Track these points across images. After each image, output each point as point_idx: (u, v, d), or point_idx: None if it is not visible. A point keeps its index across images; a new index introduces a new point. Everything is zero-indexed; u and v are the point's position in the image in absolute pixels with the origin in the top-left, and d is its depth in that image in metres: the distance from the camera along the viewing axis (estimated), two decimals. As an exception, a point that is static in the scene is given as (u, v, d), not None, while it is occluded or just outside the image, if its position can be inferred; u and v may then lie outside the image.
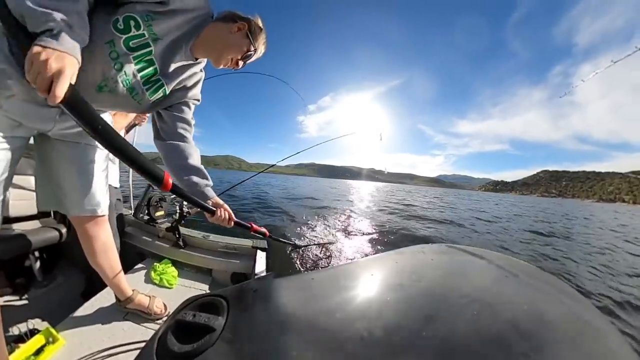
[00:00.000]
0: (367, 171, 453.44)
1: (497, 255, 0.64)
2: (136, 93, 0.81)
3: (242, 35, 0.87)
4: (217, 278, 1.74)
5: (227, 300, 0.47)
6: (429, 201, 18.01)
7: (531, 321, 0.41)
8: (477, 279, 0.55)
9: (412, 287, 0.50)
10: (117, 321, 1.19)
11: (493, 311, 0.43)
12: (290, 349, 0.37)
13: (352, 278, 0.54)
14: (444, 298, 0.46)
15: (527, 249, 6.03)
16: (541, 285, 0.55)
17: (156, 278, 1.55)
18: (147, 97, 0.84)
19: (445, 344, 0.37)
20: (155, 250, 1.83)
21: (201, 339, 0.39)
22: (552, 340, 0.38)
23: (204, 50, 0.86)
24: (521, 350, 0.36)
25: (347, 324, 0.40)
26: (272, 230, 5.43)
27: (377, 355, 0.35)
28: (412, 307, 0.44)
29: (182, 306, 0.48)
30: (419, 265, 0.59)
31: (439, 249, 0.68)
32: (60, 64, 0.52)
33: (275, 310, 0.46)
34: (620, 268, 4.86)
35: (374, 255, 0.65)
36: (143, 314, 1.23)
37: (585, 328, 0.44)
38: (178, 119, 0.97)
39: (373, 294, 0.48)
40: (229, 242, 1.81)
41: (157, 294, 1.35)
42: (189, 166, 0.96)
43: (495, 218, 12.02)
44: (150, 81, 0.82)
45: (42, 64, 0.50)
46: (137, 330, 1.17)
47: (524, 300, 0.48)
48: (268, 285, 0.53)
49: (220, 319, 0.43)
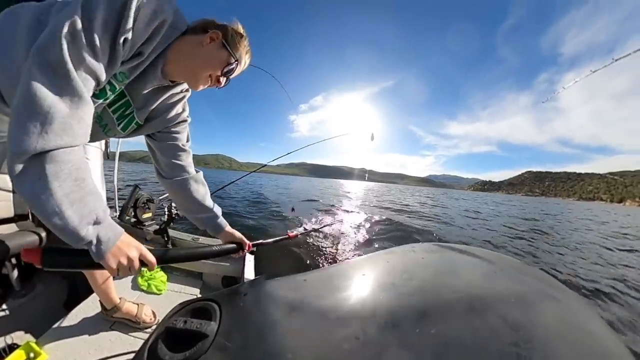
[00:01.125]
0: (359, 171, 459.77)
1: (485, 252, 0.66)
2: (109, 129, 0.78)
3: (217, 46, 0.73)
4: (207, 282, 1.71)
5: (219, 304, 0.47)
6: (422, 202, 18.44)
7: (519, 313, 0.43)
8: (467, 276, 0.56)
9: (404, 285, 0.51)
10: (104, 331, 1.14)
11: (483, 305, 0.45)
12: (285, 351, 0.37)
13: (345, 278, 0.54)
14: (435, 295, 0.48)
15: (516, 244, 6.33)
16: (527, 278, 0.57)
17: (144, 284, 1.50)
18: (119, 130, 0.80)
19: (439, 339, 0.38)
20: None
21: (194, 346, 0.38)
22: (541, 330, 0.40)
23: (176, 70, 0.74)
24: (511, 339, 0.37)
25: (342, 324, 0.41)
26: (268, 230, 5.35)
27: (373, 354, 0.36)
28: (404, 305, 0.45)
29: (172, 312, 0.47)
30: (410, 264, 0.60)
31: (429, 247, 0.69)
32: (134, 249, 0.59)
33: (268, 313, 0.46)
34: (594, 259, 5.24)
35: (366, 255, 0.66)
36: (131, 323, 1.19)
37: (571, 318, 0.46)
38: (169, 148, 0.91)
39: (366, 294, 0.49)
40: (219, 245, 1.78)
41: (145, 301, 1.30)
42: (196, 204, 0.96)
43: (484, 215, 12.50)
44: (124, 115, 0.77)
45: (124, 258, 0.56)
46: (126, 340, 1.13)
47: (511, 293, 0.49)
48: (261, 287, 0.53)
49: (212, 324, 0.42)
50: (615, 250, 6.64)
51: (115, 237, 0.56)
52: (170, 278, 1.64)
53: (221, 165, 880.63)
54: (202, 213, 0.97)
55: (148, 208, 1.99)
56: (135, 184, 2.07)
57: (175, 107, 0.88)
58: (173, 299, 1.49)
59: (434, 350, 0.36)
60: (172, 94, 0.85)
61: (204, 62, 0.74)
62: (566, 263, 4.95)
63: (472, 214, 13.32)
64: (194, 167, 0.98)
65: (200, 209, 0.97)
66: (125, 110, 0.76)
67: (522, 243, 6.61)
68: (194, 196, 0.95)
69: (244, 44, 0.79)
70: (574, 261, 5.14)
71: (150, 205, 2.00)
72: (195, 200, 0.95)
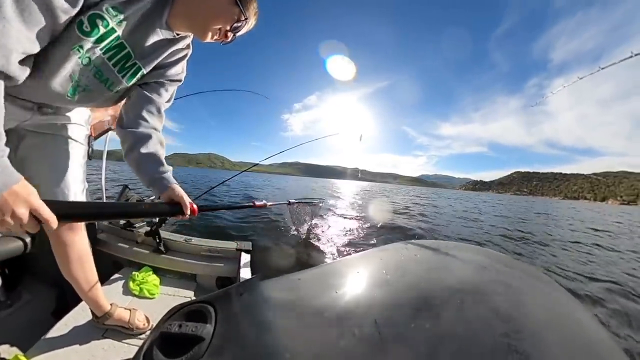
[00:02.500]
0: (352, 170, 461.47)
1: (474, 248, 0.68)
2: (111, 83, 0.75)
3: (230, 1, 0.76)
4: (202, 283, 1.69)
5: (214, 306, 0.46)
6: (415, 202, 18.68)
7: (509, 305, 0.45)
8: (458, 271, 0.58)
9: (398, 282, 0.52)
10: (96, 340, 1.11)
11: (474, 299, 0.46)
12: (282, 351, 0.37)
13: (339, 276, 0.55)
14: (429, 291, 0.49)
15: (507, 242, 6.56)
16: (515, 272, 0.59)
17: (135, 288, 1.46)
18: (125, 84, 0.78)
19: (434, 334, 0.39)
20: (133, 257, 1.72)
21: (190, 351, 0.38)
22: (530, 320, 0.42)
23: (184, 22, 0.76)
24: (502, 330, 0.39)
25: (338, 322, 0.41)
26: None
27: (370, 351, 0.36)
28: (399, 301, 0.46)
29: (166, 317, 0.46)
30: (403, 261, 0.61)
31: (422, 244, 0.71)
32: (22, 204, 0.48)
33: (264, 313, 0.46)
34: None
35: (359, 252, 0.66)
36: (124, 330, 1.17)
37: (559, 308, 0.49)
38: (146, 100, 0.85)
39: (360, 291, 0.49)
40: (212, 245, 1.76)
41: (137, 306, 1.28)
42: (154, 162, 0.85)
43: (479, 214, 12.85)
44: (126, 67, 0.74)
45: (7, 215, 0.47)
46: (119, 348, 1.10)
47: (501, 286, 0.51)
48: (255, 288, 0.53)
49: (208, 327, 0.42)
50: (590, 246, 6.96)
51: (4, 184, 0.47)
52: (163, 281, 1.62)
53: (213, 165, 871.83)
54: (157, 173, 0.85)
55: None
56: (125, 184, 2.02)
57: (176, 65, 0.88)
58: (167, 302, 1.46)
59: (429, 344, 0.37)
60: (176, 50, 0.84)
61: (216, 15, 0.76)
62: (553, 258, 5.18)
63: (466, 214, 13.63)
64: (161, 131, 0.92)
65: (155, 168, 0.85)
66: (126, 62, 0.74)
67: (511, 238, 6.87)
68: (154, 153, 0.86)
69: (253, 5, 0.82)
70: (559, 255, 5.41)
71: None
72: (155, 158, 0.85)
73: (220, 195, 11.45)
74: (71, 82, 0.68)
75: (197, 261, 1.67)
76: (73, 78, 0.68)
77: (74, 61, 0.64)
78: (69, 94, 0.71)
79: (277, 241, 4.54)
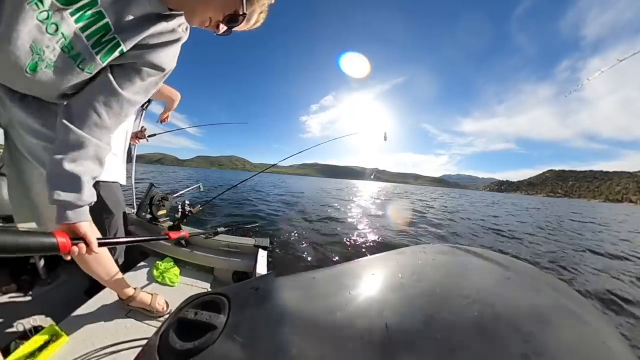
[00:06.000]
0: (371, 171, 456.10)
1: (498, 255, 0.63)
2: (82, 59, 0.60)
3: None
4: (218, 277, 1.75)
5: (229, 298, 0.48)
6: (441, 204, 17.60)
7: (531, 322, 0.41)
8: (478, 280, 0.54)
9: (413, 287, 0.50)
10: (120, 319, 1.20)
11: (493, 312, 0.43)
12: (290, 346, 0.37)
13: (353, 277, 0.54)
14: (444, 298, 0.46)
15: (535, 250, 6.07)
16: (542, 286, 0.54)
17: (158, 276, 1.56)
18: (100, 62, 0.62)
19: (446, 344, 0.37)
20: (157, 248, 1.85)
21: (203, 337, 0.39)
22: (553, 342, 0.38)
23: None
24: (521, 350, 0.36)
25: (348, 323, 0.40)
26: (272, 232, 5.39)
27: (378, 355, 0.35)
28: (412, 306, 0.44)
29: (183, 304, 0.48)
30: (420, 265, 0.59)
31: (440, 248, 0.67)
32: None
33: (276, 309, 0.47)
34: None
35: (375, 254, 0.65)
36: (145, 312, 1.25)
37: (585, 328, 0.44)
38: (107, 88, 0.66)
39: (374, 294, 0.48)
40: (231, 241, 1.82)
41: (159, 292, 1.36)
42: (68, 170, 0.64)
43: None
44: (102, 42, 0.59)
45: None
46: (140, 327, 1.18)
47: (524, 301, 0.47)
48: (269, 283, 0.53)
49: (221, 317, 0.43)
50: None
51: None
52: (183, 272, 1.70)
53: (235, 167, 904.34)
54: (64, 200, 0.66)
55: (163, 205, 2.07)
56: (151, 183, 2.15)
57: (163, 49, 0.69)
58: (185, 291, 1.54)
59: (440, 353, 0.35)
60: (166, 29, 0.67)
61: (208, 1, 0.62)
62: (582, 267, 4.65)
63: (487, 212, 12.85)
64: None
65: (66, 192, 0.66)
66: (103, 35, 0.59)
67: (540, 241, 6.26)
68: (77, 174, 0.65)
69: (262, 2, 0.67)
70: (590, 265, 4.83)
71: (164, 203, 2.08)
72: (75, 179, 0.65)
73: (247, 192, 12.32)
74: (31, 52, 0.55)
75: (216, 255, 1.75)
76: (34, 49, 0.54)
77: (32, 23, 0.52)
78: (29, 69, 0.56)
79: (294, 239, 4.59)
